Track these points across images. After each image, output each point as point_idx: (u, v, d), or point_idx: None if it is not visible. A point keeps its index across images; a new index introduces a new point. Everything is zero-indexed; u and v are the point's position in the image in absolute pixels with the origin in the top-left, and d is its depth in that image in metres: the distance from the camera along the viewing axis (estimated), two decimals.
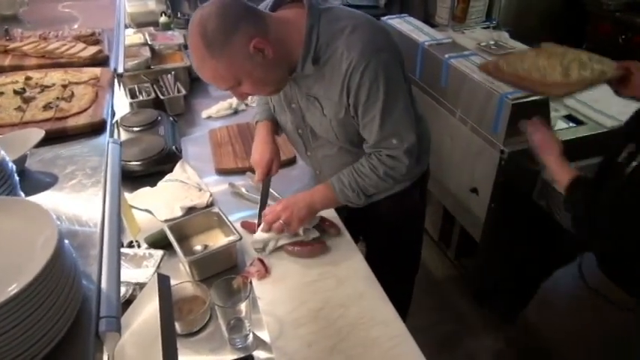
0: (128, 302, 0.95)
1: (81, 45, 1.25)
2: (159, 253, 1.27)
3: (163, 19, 2.57)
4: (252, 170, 1.57)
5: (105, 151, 0.85)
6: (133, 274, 1.19)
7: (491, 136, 1.84)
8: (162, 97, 2.01)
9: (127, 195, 1.52)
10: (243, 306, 1.07)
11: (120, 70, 1.22)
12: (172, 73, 2.11)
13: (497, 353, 2.05)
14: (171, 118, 1.91)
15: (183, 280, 1.21)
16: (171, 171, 1.63)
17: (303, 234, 1.33)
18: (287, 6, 1.18)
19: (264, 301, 1.20)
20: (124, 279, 1.15)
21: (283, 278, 1.27)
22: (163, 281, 0.70)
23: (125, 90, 2.06)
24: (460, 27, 2.45)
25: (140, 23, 2.64)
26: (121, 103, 2.00)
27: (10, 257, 0.52)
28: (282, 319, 1.15)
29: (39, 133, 0.82)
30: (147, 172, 1.62)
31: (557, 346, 1.37)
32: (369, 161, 1.26)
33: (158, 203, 1.49)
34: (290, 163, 1.70)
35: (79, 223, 0.69)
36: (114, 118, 1.03)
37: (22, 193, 0.69)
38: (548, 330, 1.39)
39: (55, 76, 1.10)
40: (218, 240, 1.34)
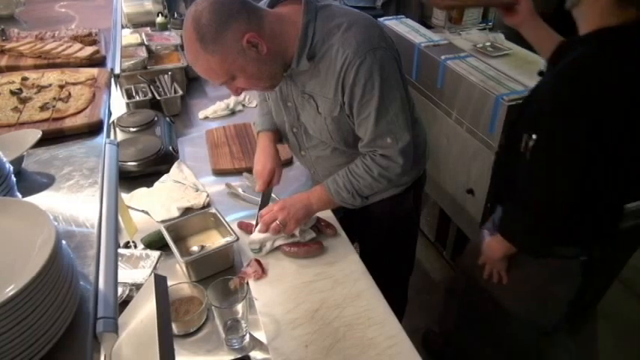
0: (125, 303, 0.94)
1: (78, 45, 1.25)
2: (156, 253, 1.26)
3: (160, 20, 2.57)
4: (248, 171, 1.58)
5: (102, 152, 0.85)
6: (129, 275, 1.19)
7: (487, 137, 1.85)
8: (158, 97, 2.00)
9: (124, 195, 1.52)
10: (239, 307, 1.07)
11: (117, 70, 1.23)
12: (169, 73, 2.10)
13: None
14: (167, 119, 1.91)
15: (180, 280, 1.21)
16: (167, 171, 1.63)
17: (300, 235, 1.33)
18: (284, 3, 1.19)
19: (261, 301, 1.20)
20: (121, 280, 1.15)
21: (280, 279, 1.27)
22: (160, 282, 0.70)
23: (122, 90, 2.06)
24: (456, 28, 2.45)
25: (137, 23, 2.65)
26: (117, 104, 2.00)
27: (7, 258, 0.52)
28: (278, 320, 1.16)
29: (36, 134, 0.82)
30: (143, 172, 1.62)
31: (488, 287, 1.47)
32: (363, 162, 1.27)
33: (155, 204, 1.49)
34: (287, 163, 1.70)
35: (76, 223, 0.69)
36: (110, 119, 1.03)
37: (19, 194, 0.70)
38: (479, 273, 1.47)
39: (51, 77, 1.10)
40: (215, 241, 1.34)
